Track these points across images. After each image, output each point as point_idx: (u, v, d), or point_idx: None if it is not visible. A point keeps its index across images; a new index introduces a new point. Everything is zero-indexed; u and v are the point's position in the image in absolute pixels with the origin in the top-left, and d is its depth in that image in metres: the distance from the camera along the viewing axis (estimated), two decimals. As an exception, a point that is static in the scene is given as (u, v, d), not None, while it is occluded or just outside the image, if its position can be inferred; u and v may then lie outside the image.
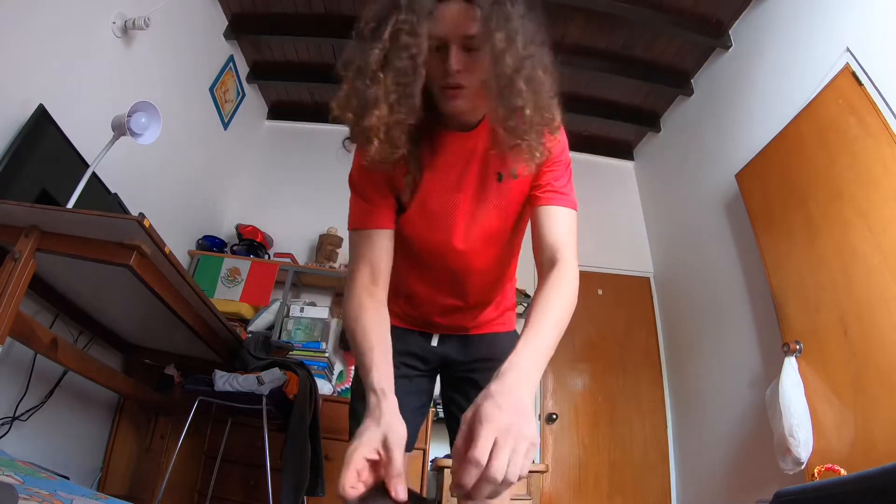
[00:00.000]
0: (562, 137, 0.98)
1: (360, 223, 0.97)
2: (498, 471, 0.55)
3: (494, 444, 0.56)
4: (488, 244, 1.03)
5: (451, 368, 1.19)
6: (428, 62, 0.79)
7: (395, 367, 1.13)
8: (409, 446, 1.14)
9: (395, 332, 1.15)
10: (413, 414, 1.16)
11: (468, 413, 0.61)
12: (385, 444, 0.66)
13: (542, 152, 0.86)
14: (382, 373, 0.78)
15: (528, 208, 1.00)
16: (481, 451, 0.55)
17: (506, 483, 0.55)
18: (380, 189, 0.96)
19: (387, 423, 0.68)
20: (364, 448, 0.65)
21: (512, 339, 1.19)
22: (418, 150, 0.94)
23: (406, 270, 1.11)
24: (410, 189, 0.95)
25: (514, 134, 0.83)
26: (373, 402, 0.73)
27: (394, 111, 0.80)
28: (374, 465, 0.66)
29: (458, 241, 1.00)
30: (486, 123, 0.96)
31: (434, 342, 1.17)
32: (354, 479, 0.63)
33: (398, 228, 1.01)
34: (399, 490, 0.63)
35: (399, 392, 1.03)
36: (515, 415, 0.59)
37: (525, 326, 0.78)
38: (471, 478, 0.55)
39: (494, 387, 0.63)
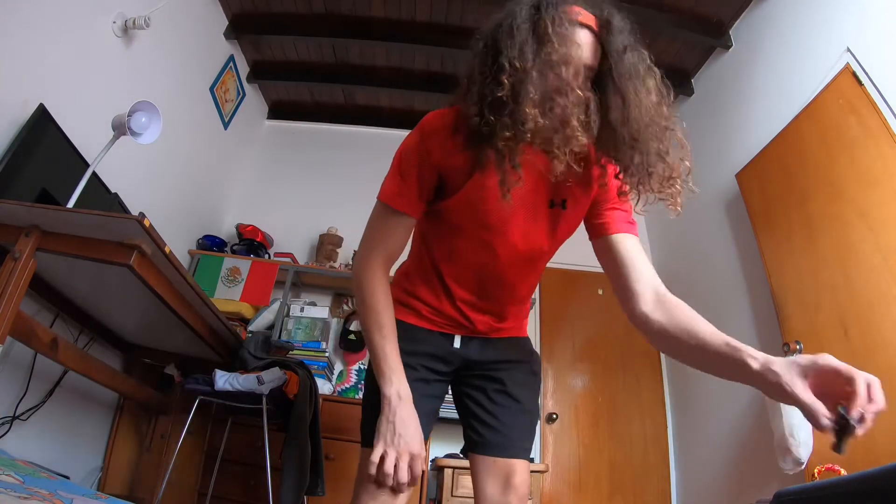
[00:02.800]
0: None
1: (392, 200, 1.00)
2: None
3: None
4: (530, 260, 1.06)
5: (470, 368, 1.20)
6: None
7: (415, 368, 1.13)
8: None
9: (419, 333, 1.15)
10: (426, 417, 1.16)
11: (789, 376, 0.70)
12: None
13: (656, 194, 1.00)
14: (399, 374, 0.97)
15: (597, 233, 1.05)
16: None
17: None
18: (423, 175, 0.98)
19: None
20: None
21: (524, 343, 1.24)
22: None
23: (449, 268, 1.11)
24: (484, 179, 0.94)
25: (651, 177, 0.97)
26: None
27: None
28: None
29: (505, 251, 1.03)
30: None
31: (457, 343, 1.17)
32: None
33: (447, 217, 1.03)
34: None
35: (415, 394, 1.04)
36: None
37: (710, 333, 0.85)
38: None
39: (787, 361, 0.73)
